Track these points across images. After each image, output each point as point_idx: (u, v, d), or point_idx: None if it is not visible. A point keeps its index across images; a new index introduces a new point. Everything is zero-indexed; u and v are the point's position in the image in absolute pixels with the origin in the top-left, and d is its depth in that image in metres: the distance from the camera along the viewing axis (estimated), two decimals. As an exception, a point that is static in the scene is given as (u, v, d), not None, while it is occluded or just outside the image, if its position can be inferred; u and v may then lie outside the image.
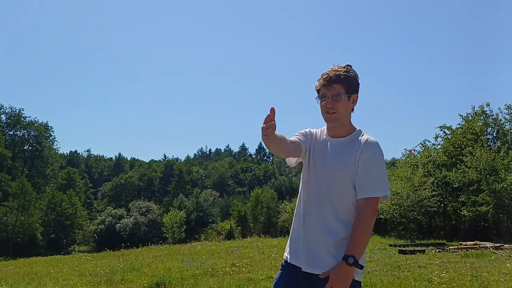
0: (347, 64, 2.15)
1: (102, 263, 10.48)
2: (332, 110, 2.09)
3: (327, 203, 2.09)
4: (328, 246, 2.06)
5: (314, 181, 2.15)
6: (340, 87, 2.08)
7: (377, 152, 2.07)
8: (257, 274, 7.22)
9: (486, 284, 6.12)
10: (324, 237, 2.07)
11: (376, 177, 2.05)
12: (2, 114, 52.35)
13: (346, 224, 2.07)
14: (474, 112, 22.82)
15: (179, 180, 69.77)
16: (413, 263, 8.72)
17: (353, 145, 2.11)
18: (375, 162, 2.06)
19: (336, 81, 2.07)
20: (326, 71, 2.13)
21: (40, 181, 52.54)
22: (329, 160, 2.13)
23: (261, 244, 14.01)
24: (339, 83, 2.07)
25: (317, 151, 2.19)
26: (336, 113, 2.10)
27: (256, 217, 48.56)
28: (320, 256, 2.07)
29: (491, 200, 18.32)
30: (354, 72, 2.15)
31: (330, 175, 2.10)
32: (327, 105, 2.09)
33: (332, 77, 2.08)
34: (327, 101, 2.09)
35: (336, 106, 2.08)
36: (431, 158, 22.86)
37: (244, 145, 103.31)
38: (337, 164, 2.10)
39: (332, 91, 2.08)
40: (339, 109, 2.09)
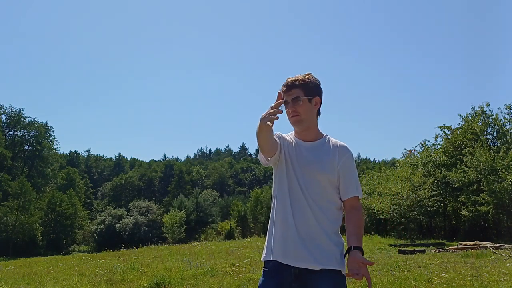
0: (308, 73, 2.26)
1: (102, 263, 10.47)
2: (294, 113, 2.20)
3: (311, 201, 2.16)
4: (322, 241, 2.13)
5: (294, 180, 2.19)
6: (298, 91, 2.19)
7: (352, 155, 2.26)
8: (257, 274, 7.21)
9: (486, 284, 6.12)
10: (316, 233, 2.13)
11: (356, 179, 2.24)
12: (2, 114, 52.40)
13: (330, 220, 2.17)
14: (474, 112, 22.84)
15: (179, 180, 69.80)
16: (413, 263, 8.71)
17: (328, 148, 2.24)
18: (352, 165, 2.24)
19: (293, 86, 2.20)
20: (288, 79, 2.24)
21: (40, 181, 52.53)
22: (307, 161, 2.20)
23: (261, 244, 14.00)
24: (297, 88, 2.19)
25: (291, 152, 2.25)
26: (298, 115, 2.20)
27: (256, 217, 48.59)
28: (316, 252, 2.11)
29: (491, 200, 18.33)
30: (314, 78, 2.26)
31: (309, 174, 2.17)
32: (290, 109, 2.20)
33: (289, 84, 2.21)
34: (288, 106, 2.20)
35: (297, 108, 2.19)
36: (431, 158, 22.87)
37: (244, 145, 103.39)
38: (316, 165, 2.19)
39: (292, 95, 2.19)
40: (300, 111, 2.19)
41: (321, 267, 2.10)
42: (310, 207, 2.15)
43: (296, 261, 2.12)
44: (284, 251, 2.16)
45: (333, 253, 2.14)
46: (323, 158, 2.20)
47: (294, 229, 2.15)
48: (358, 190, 2.22)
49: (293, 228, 2.15)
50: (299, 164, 2.20)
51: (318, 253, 2.11)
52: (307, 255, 2.11)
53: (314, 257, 2.11)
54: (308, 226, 2.14)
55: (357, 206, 2.20)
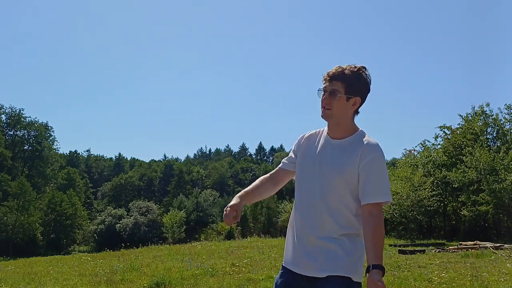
0: (362, 66, 2.07)
1: (102, 263, 10.47)
2: (327, 106, 2.04)
3: (323, 205, 2.04)
4: (330, 247, 2.02)
5: (308, 183, 2.11)
6: (340, 84, 2.01)
7: (377, 157, 2.01)
8: (257, 274, 7.22)
9: (486, 284, 6.12)
10: (324, 238, 2.03)
11: (378, 183, 1.99)
12: (2, 114, 52.38)
13: (341, 225, 2.04)
14: (474, 112, 22.84)
15: (179, 180, 69.78)
16: (413, 263, 8.72)
17: (354, 148, 2.04)
18: (376, 167, 2.00)
19: (336, 78, 2.02)
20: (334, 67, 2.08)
21: (40, 181, 52.54)
22: (327, 162, 2.07)
23: (261, 244, 14.02)
24: (340, 80, 2.02)
25: (310, 153, 2.15)
26: (330, 110, 2.04)
27: (256, 217, 48.57)
28: (322, 259, 2.03)
29: (491, 200, 18.33)
30: (365, 75, 2.06)
31: (326, 176, 2.05)
32: (323, 100, 2.05)
33: (334, 74, 2.03)
34: (324, 96, 2.05)
35: (331, 102, 2.03)
36: (431, 158, 22.87)
37: (244, 145, 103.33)
38: (334, 167, 2.04)
39: (331, 87, 2.03)
40: (333, 106, 2.03)
41: (326, 274, 2.01)
42: (320, 211, 2.04)
43: (302, 269, 2.07)
44: (293, 258, 2.12)
45: (342, 260, 2.01)
46: (344, 159, 2.03)
47: (302, 235, 2.08)
48: (378, 195, 1.97)
49: (301, 234, 2.09)
50: (320, 166, 2.08)
51: (323, 260, 2.01)
52: (312, 262, 2.04)
53: (320, 264, 2.02)
54: (317, 231, 2.04)
55: (374, 213, 1.96)
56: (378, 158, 2.01)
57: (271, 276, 6.77)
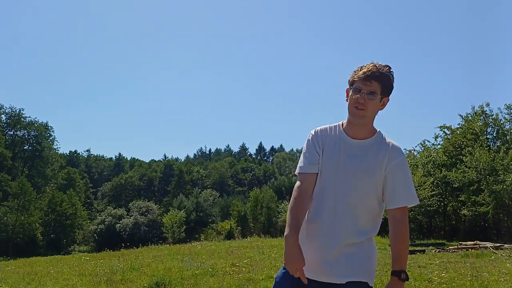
0: (387, 65, 2.04)
1: (102, 263, 10.47)
2: (361, 106, 1.97)
3: (345, 209, 1.98)
4: (349, 251, 1.97)
5: (330, 183, 2.01)
6: (377, 85, 1.97)
7: (404, 159, 2.01)
8: (257, 274, 7.21)
9: (486, 284, 6.12)
10: (344, 241, 1.97)
11: (407, 186, 1.99)
12: (2, 114, 52.39)
13: (360, 230, 1.99)
14: (474, 112, 22.85)
15: (179, 180, 69.80)
16: (413, 263, 8.71)
17: (378, 149, 2.00)
18: (406, 170, 1.99)
19: (376, 78, 1.96)
20: (367, 65, 2.00)
21: (40, 181, 52.54)
22: (351, 164, 1.99)
23: (261, 244, 14.00)
24: (378, 81, 1.97)
25: (329, 152, 2.04)
26: (364, 110, 1.97)
27: (256, 217, 48.56)
28: (340, 263, 1.96)
29: (491, 200, 18.32)
30: (393, 74, 2.04)
31: (352, 179, 1.98)
32: (360, 100, 1.96)
33: (374, 73, 1.95)
34: (360, 96, 1.96)
35: (367, 103, 1.96)
36: (431, 158, 22.88)
37: (244, 145, 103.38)
38: (361, 169, 1.98)
39: (369, 87, 1.96)
40: (369, 107, 1.97)
41: (346, 280, 1.95)
42: (345, 214, 1.97)
43: (319, 275, 1.98)
44: (307, 263, 1.94)
45: (361, 265, 1.98)
46: (370, 160, 1.98)
47: (321, 239, 1.99)
48: (407, 199, 1.96)
49: (319, 238, 1.99)
50: (344, 169, 1.99)
51: (344, 266, 1.95)
52: (332, 269, 1.96)
53: (340, 270, 1.95)
54: (339, 235, 1.96)
55: (401, 219, 1.95)
56: (405, 161, 2.01)
57: (271, 276, 6.77)
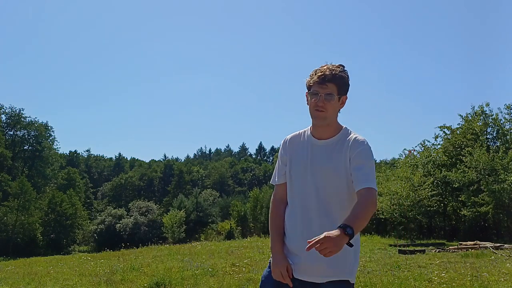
0: (340, 64, 2.10)
1: (102, 263, 10.47)
2: (321, 108, 2.05)
3: (318, 208, 2.04)
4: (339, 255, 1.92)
5: (300, 187, 2.10)
6: (333, 86, 2.04)
7: (367, 148, 2.05)
8: (257, 274, 7.21)
9: (486, 284, 6.12)
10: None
11: (371, 171, 2.01)
12: (2, 114, 52.30)
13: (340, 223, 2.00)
14: (474, 112, 22.84)
15: (179, 180, 69.81)
16: (413, 263, 8.72)
17: (342, 144, 2.08)
18: (368, 157, 2.03)
19: (330, 80, 2.03)
20: (320, 68, 2.08)
21: (40, 181, 52.50)
22: (319, 162, 2.08)
23: (261, 244, 14.00)
24: (333, 82, 2.04)
25: (298, 157, 2.14)
26: (324, 112, 2.05)
27: (256, 217, 48.55)
28: (322, 263, 1.98)
29: (491, 200, 18.32)
30: (347, 73, 2.11)
31: (322, 177, 2.05)
32: (318, 103, 2.04)
33: (327, 75, 2.03)
34: (318, 99, 2.04)
35: (326, 105, 2.04)
36: (431, 158, 22.87)
37: (244, 145, 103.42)
38: (328, 166, 2.05)
39: (326, 90, 2.03)
40: (328, 108, 2.05)
41: (327, 279, 2.00)
42: (318, 214, 2.04)
43: (301, 274, 2.05)
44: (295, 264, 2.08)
45: (342, 264, 2.02)
46: (336, 157, 2.06)
47: (300, 240, 2.04)
48: (368, 181, 1.96)
49: (299, 238, 2.05)
50: (312, 167, 2.08)
51: (325, 265, 1.99)
52: (314, 267, 2.01)
53: (322, 269, 2.00)
54: (311, 233, 1.97)
55: (365, 194, 1.93)
56: (366, 151, 2.04)
57: (271, 276, 6.75)
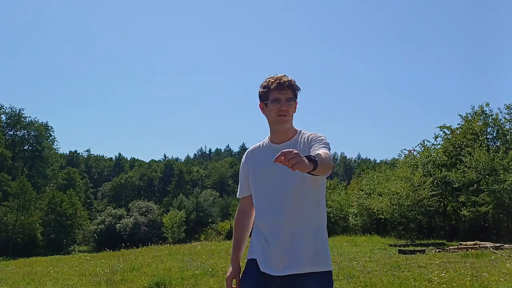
0: (284, 74, 2.25)
1: (102, 263, 10.47)
2: (284, 113, 2.19)
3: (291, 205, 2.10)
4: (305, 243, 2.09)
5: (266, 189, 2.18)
6: (291, 92, 2.20)
7: (316, 133, 2.21)
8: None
9: (486, 284, 6.12)
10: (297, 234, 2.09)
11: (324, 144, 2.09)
12: (2, 114, 52.29)
13: (311, 217, 2.12)
14: (473, 112, 22.80)
15: (179, 180, 69.81)
16: (413, 263, 8.72)
17: (302, 141, 2.20)
18: (320, 136, 2.17)
19: (288, 86, 2.20)
20: (274, 77, 2.22)
21: (40, 181, 52.49)
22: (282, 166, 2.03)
23: (261, 244, 13.98)
24: (290, 88, 2.20)
25: (260, 164, 2.24)
26: (287, 116, 2.20)
27: (256, 217, 48.49)
28: (297, 256, 2.08)
29: (491, 201, 18.30)
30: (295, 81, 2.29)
31: (285, 177, 2.11)
32: (282, 108, 2.18)
33: (285, 82, 2.19)
34: (281, 104, 2.18)
35: (288, 109, 2.19)
36: (430, 158, 22.85)
37: (244, 145, 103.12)
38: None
39: (286, 95, 2.19)
40: (290, 112, 2.21)
41: (308, 270, 2.07)
42: (289, 209, 2.10)
43: (280, 270, 2.09)
44: (266, 261, 2.13)
45: (320, 254, 2.11)
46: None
47: (273, 237, 2.12)
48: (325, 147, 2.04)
49: (273, 236, 2.12)
50: (276, 173, 2.14)
51: (304, 256, 2.07)
52: (293, 260, 2.07)
53: (300, 261, 2.07)
54: (288, 228, 2.09)
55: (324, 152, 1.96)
56: (320, 134, 2.20)
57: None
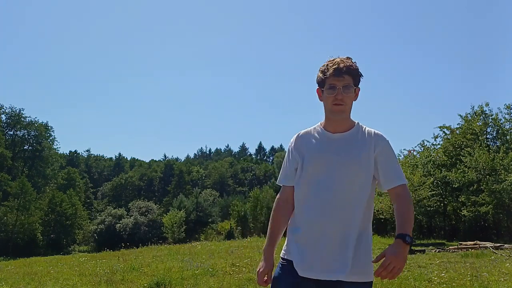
0: (348, 57, 2.07)
1: (102, 263, 10.46)
2: (340, 102, 1.99)
3: (339, 202, 1.95)
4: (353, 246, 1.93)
5: (321, 181, 1.99)
6: (349, 78, 1.99)
7: (389, 143, 2.06)
8: (257, 274, 7.20)
9: (486, 284, 6.11)
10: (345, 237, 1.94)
11: (399, 166, 2.05)
12: (2, 114, 52.27)
13: (362, 219, 1.98)
14: (473, 112, 22.81)
15: (179, 180, 69.81)
16: (413, 263, 8.71)
17: (362, 137, 2.04)
18: (393, 152, 2.05)
19: (347, 72, 1.99)
20: (333, 61, 2.02)
21: (40, 181, 52.48)
22: (342, 155, 1.99)
23: (261, 244, 13.98)
24: (350, 74, 1.99)
25: (313, 152, 2.05)
26: (344, 105, 2.01)
27: (256, 217, 48.54)
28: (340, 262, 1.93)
29: (491, 200, 18.30)
30: (356, 64, 2.08)
31: (343, 172, 1.97)
32: (337, 97, 1.98)
33: (342, 68, 1.98)
34: (337, 92, 1.98)
35: (345, 98, 1.99)
36: (430, 158, 22.85)
37: (244, 145, 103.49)
38: (351, 159, 1.98)
39: (343, 82, 1.98)
40: (347, 101, 2.01)
41: (348, 279, 1.90)
42: (338, 205, 1.94)
43: (317, 273, 1.94)
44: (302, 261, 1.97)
45: (364, 262, 1.95)
46: (357, 150, 2.00)
47: (319, 236, 1.95)
48: (401, 178, 2.00)
49: (318, 235, 1.96)
50: (330, 160, 1.99)
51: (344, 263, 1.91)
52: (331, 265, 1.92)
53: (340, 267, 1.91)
54: (335, 229, 1.93)
55: (403, 194, 1.98)
56: (389, 145, 2.06)
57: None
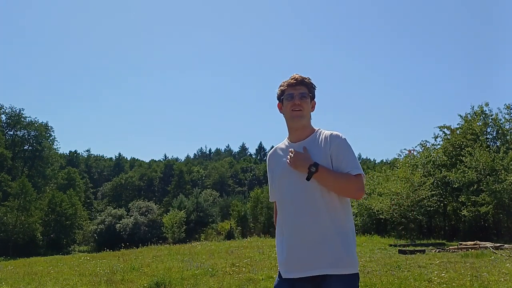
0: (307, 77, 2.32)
1: (102, 263, 10.48)
2: (298, 107, 2.22)
3: (311, 206, 2.11)
4: (329, 244, 2.08)
5: (288, 190, 2.19)
6: (305, 88, 2.26)
7: (345, 140, 2.20)
8: (257, 274, 7.22)
9: (486, 284, 6.12)
10: (320, 236, 2.08)
11: (354, 158, 2.16)
12: (2, 114, 52.24)
13: (335, 218, 2.12)
14: (473, 112, 22.80)
15: (179, 180, 69.80)
16: (413, 263, 8.71)
17: (320, 140, 2.21)
18: (347, 147, 2.18)
19: (301, 83, 2.26)
20: (291, 76, 2.29)
21: (40, 181, 52.45)
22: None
23: (261, 244, 14.01)
24: (304, 85, 2.26)
25: (279, 165, 2.27)
26: (301, 110, 2.23)
27: (256, 217, 48.56)
28: (318, 258, 2.08)
29: (491, 201, 18.29)
30: (313, 83, 2.33)
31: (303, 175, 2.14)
32: (295, 102, 2.22)
33: (298, 79, 2.26)
34: (294, 99, 2.22)
35: (302, 104, 2.22)
36: (430, 158, 22.85)
37: (244, 145, 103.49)
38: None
39: (300, 90, 2.24)
40: (305, 107, 2.24)
41: (330, 272, 2.05)
42: (310, 210, 2.11)
43: (307, 271, 2.08)
44: (294, 263, 2.12)
45: (345, 255, 2.08)
46: (315, 152, 2.17)
47: (294, 237, 2.13)
48: (354, 168, 2.11)
49: (293, 236, 2.13)
50: (289, 170, 2.19)
51: (329, 256, 2.06)
52: (317, 260, 2.07)
53: (327, 261, 2.06)
54: (310, 230, 2.09)
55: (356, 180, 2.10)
56: (346, 140, 2.21)
57: (271, 276, 6.78)
